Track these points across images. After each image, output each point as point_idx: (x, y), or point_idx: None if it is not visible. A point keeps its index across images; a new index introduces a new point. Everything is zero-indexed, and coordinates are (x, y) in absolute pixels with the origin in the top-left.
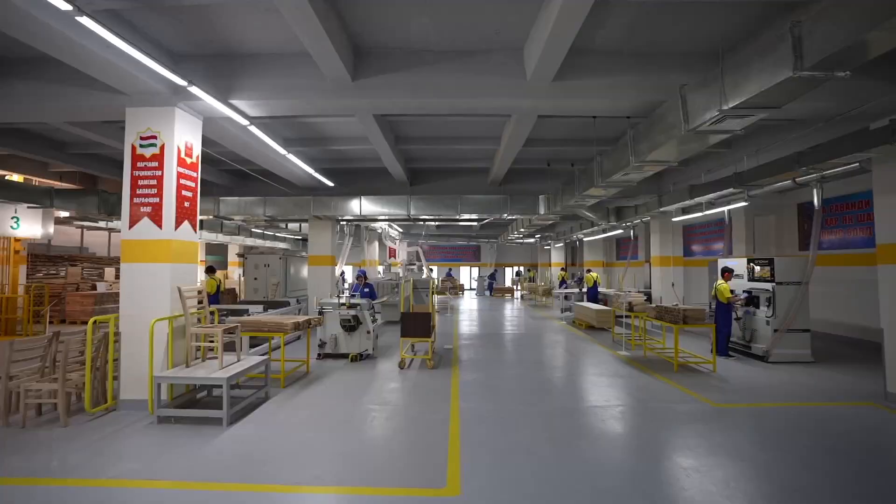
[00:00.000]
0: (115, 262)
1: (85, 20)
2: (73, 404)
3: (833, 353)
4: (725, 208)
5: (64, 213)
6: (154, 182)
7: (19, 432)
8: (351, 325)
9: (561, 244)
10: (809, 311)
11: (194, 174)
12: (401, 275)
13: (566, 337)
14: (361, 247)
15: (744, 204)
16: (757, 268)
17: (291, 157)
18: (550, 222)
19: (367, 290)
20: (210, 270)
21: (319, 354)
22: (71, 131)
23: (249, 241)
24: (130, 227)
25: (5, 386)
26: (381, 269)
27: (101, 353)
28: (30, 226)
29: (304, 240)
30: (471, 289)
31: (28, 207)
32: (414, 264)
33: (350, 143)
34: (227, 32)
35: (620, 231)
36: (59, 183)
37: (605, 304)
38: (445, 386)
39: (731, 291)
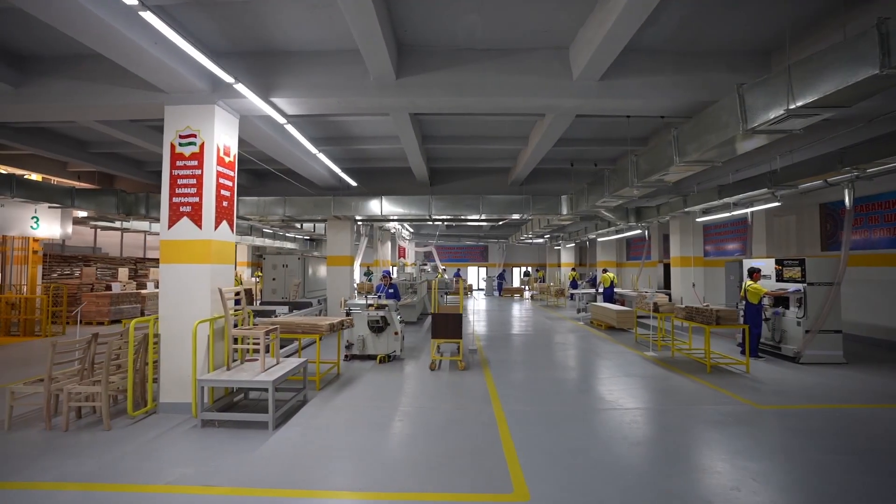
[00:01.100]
0: (127, 262)
1: (147, 15)
2: (111, 407)
3: (864, 355)
4: (752, 209)
5: (82, 213)
6: (194, 181)
7: (63, 436)
8: (379, 327)
9: (572, 245)
10: (842, 312)
11: (232, 173)
12: (414, 275)
13: (588, 338)
14: (374, 247)
15: (776, 204)
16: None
17: (321, 156)
18: (569, 223)
19: (391, 290)
20: None
21: (347, 356)
22: (96, 128)
23: (259, 242)
24: (170, 226)
25: (48, 388)
26: (393, 269)
27: (141, 355)
28: (49, 226)
29: (313, 240)
30: (479, 289)
31: (49, 207)
32: (426, 264)
33: (374, 143)
34: (268, 29)
35: (638, 231)
36: (77, 183)
37: (623, 305)
38: (481, 387)
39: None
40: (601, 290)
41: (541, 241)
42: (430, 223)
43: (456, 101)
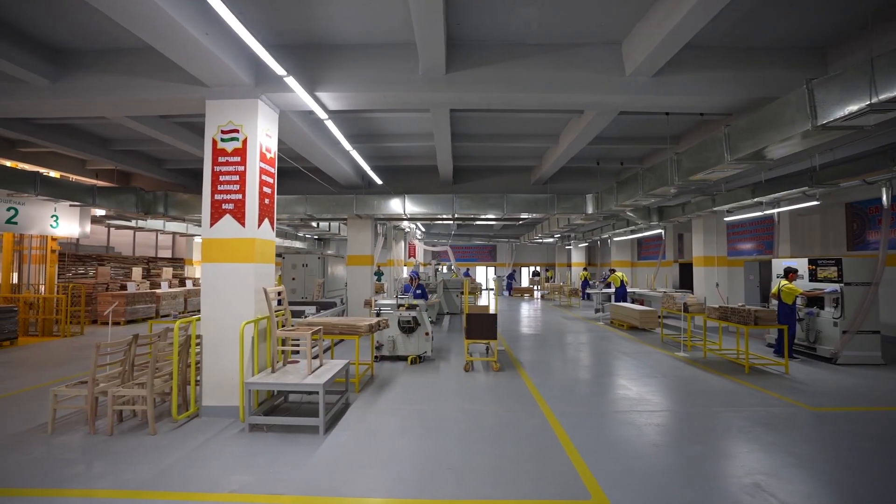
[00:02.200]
0: (140, 261)
1: (216, 2)
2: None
3: None
4: (780, 209)
5: (100, 212)
6: (236, 178)
7: (109, 440)
8: (410, 327)
9: (586, 244)
10: (880, 313)
11: (273, 170)
12: (429, 275)
13: (612, 338)
14: (388, 246)
15: (814, 203)
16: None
17: (355, 153)
18: (591, 222)
19: (419, 290)
20: None
21: (376, 357)
22: (125, 125)
23: None
24: (212, 224)
25: (92, 391)
26: (406, 269)
27: (183, 357)
28: (68, 224)
29: (321, 239)
30: (488, 289)
31: (70, 205)
32: (439, 264)
33: (401, 140)
34: (315, 21)
35: (656, 231)
36: (96, 181)
37: (641, 304)
38: (522, 389)
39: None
40: (601, 289)
41: (551, 240)
42: (441, 222)
43: (506, 97)
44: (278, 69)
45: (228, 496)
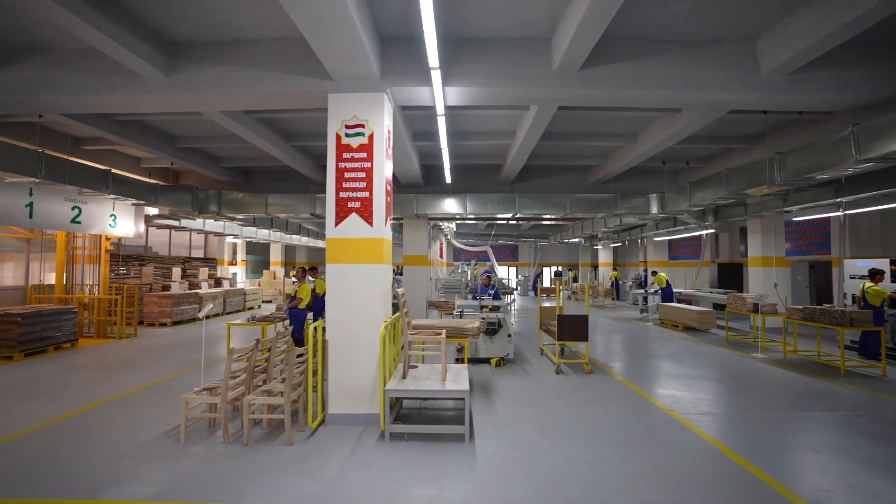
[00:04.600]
0: (177, 261)
1: None
2: (278, 420)
3: None
4: (862, 210)
5: (153, 211)
6: (363, 175)
7: (249, 451)
8: (493, 329)
9: (619, 244)
10: None
11: (391, 167)
12: (469, 276)
13: (674, 339)
14: (429, 245)
15: None
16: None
17: (445, 152)
18: (649, 222)
19: (492, 291)
20: (313, 271)
21: (457, 359)
22: (219, 121)
23: (295, 240)
24: (337, 223)
25: (225, 399)
26: (444, 270)
27: (309, 363)
28: (125, 224)
29: None
30: (514, 289)
31: (132, 204)
32: (478, 264)
33: (473, 139)
34: (455, 12)
35: (702, 232)
36: (157, 181)
37: (689, 304)
38: (627, 391)
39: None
40: (653, 290)
41: (576, 240)
42: (471, 222)
43: (638, 95)
44: (433, 61)
45: None
